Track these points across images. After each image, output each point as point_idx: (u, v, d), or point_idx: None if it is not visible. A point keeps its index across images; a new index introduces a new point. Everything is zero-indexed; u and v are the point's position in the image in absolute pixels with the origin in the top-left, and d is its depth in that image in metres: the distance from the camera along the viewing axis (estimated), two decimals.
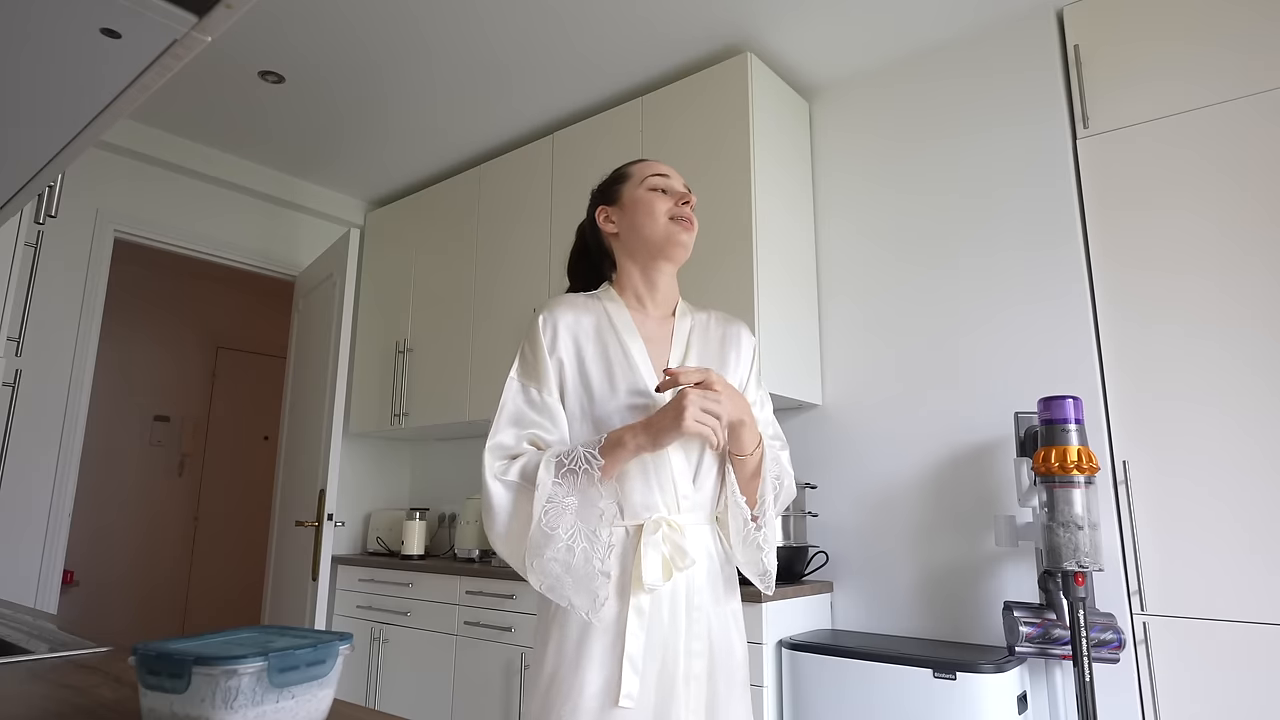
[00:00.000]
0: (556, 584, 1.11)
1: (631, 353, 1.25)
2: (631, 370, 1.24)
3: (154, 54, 0.80)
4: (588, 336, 1.26)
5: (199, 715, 0.64)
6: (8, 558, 2.83)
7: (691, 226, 1.30)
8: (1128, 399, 2.11)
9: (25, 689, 0.80)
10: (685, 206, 1.30)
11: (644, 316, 1.31)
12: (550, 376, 1.23)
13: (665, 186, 1.31)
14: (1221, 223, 2.05)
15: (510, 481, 1.15)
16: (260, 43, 2.65)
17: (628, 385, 1.22)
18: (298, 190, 3.75)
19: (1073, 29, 2.34)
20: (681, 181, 1.35)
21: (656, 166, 1.34)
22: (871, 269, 2.64)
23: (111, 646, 1.05)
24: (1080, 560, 1.84)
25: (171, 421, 4.98)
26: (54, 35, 0.77)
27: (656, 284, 1.33)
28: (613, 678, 1.12)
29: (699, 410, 1.10)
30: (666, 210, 1.29)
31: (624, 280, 1.35)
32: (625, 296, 1.33)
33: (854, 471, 2.54)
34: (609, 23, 2.52)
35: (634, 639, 1.13)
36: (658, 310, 1.33)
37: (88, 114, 0.95)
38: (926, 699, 1.94)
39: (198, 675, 0.64)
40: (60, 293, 3.05)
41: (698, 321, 1.36)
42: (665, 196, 1.31)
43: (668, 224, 1.29)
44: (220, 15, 0.73)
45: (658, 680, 1.15)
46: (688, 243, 1.31)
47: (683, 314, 1.35)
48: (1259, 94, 2.04)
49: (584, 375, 1.24)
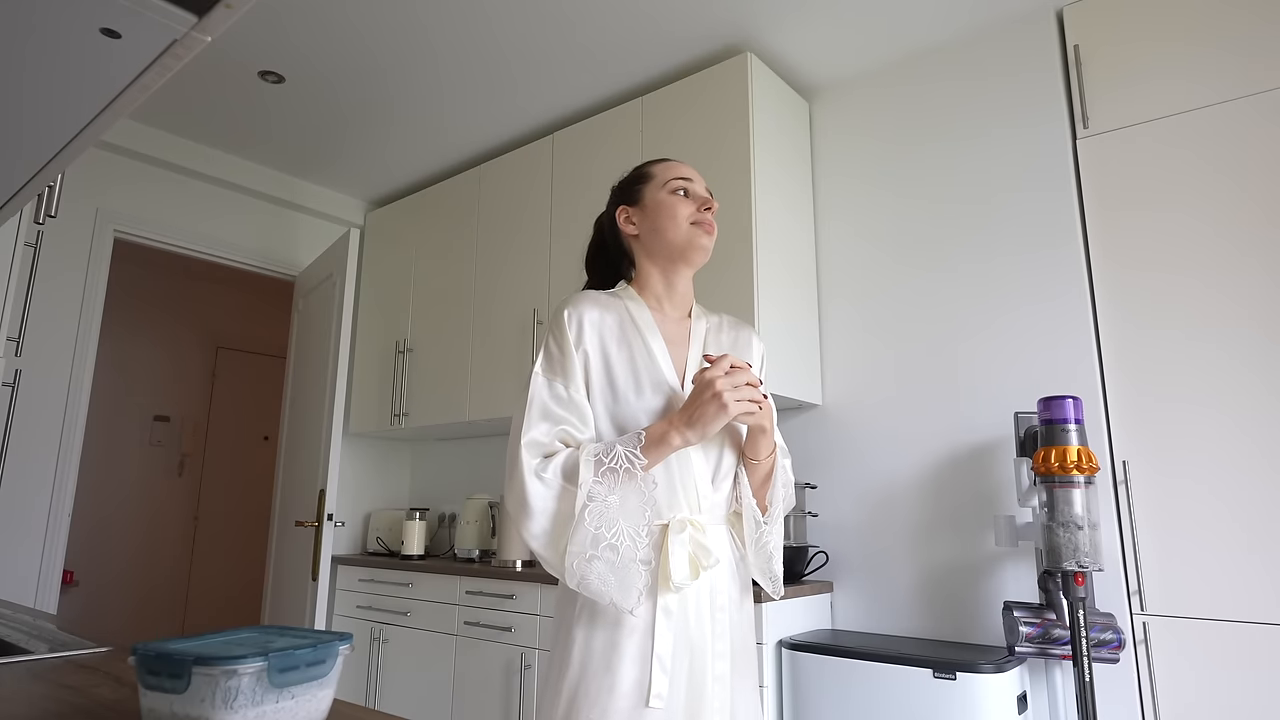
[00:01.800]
0: (598, 582, 1.09)
1: (655, 353, 1.25)
2: (655, 370, 1.24)
3: (154, 54, 0.80)
4: (612, 334, 1.25)
5: (199, 715, 0.64)
6: (7, 557, 2.83)
7: (713, 231, 1.30)
8: (1128, 399, 2.11)
9: (25, 689, 0.80)
10: (707, 212, 1.30)
11: (663, 317, 1.31)
12: (577, 372, 1.22)
13: (688, 189, 1.31)
14: (1221, 223, 2.05)
15: (549, 479, 1.14)
16: (260, 43, 2.65)
17: (653, 385, 1.22)
18: (297, 190, 3.75)
19: (1073, 29, 2.34)
20: (704, 185, 1.35)
21: (680, 169, 1.34)
22: (872, 269, 2.64)
23: (111, 647, 1.05)
24: (1080, 560, 1.84)
25: (171, 421, 4.98)
26: (54, 35, 0.77)
27: (675, 286, 1.34)
28: (642, 678, 1.12)
29: (736, 392, 1.11)
30: (688, 215, 1.29)
31: (643, 280, 1.35)
32: (645, 297, 1.33)
33: (854, 471, 2.54)
34: (610, 22, 2.52)
35: (663, 639, 1.13)
36: (675, 311, 1.34)
37: (88, 114, 0.95)
38: (926, 699, 1.94)
39: (198, 675, 0.64)
40: (60, 293, 3.05)
41: (711, 324, 1.37)
42: (687, 200, 1.30)
43: (690, 229, 1.29)
44: (220, 15, 0.73)
45: (688, 681, 1.15)
46: (708, 247, 1.31)
47: (698, 316, 1.36)
48: (1259, 94, 2.04)
49: (609, 373, 1.23)
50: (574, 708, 1.12)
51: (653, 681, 1.12)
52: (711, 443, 1.23)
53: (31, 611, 1.32)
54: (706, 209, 1.30)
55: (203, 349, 5.20)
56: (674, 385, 1.23)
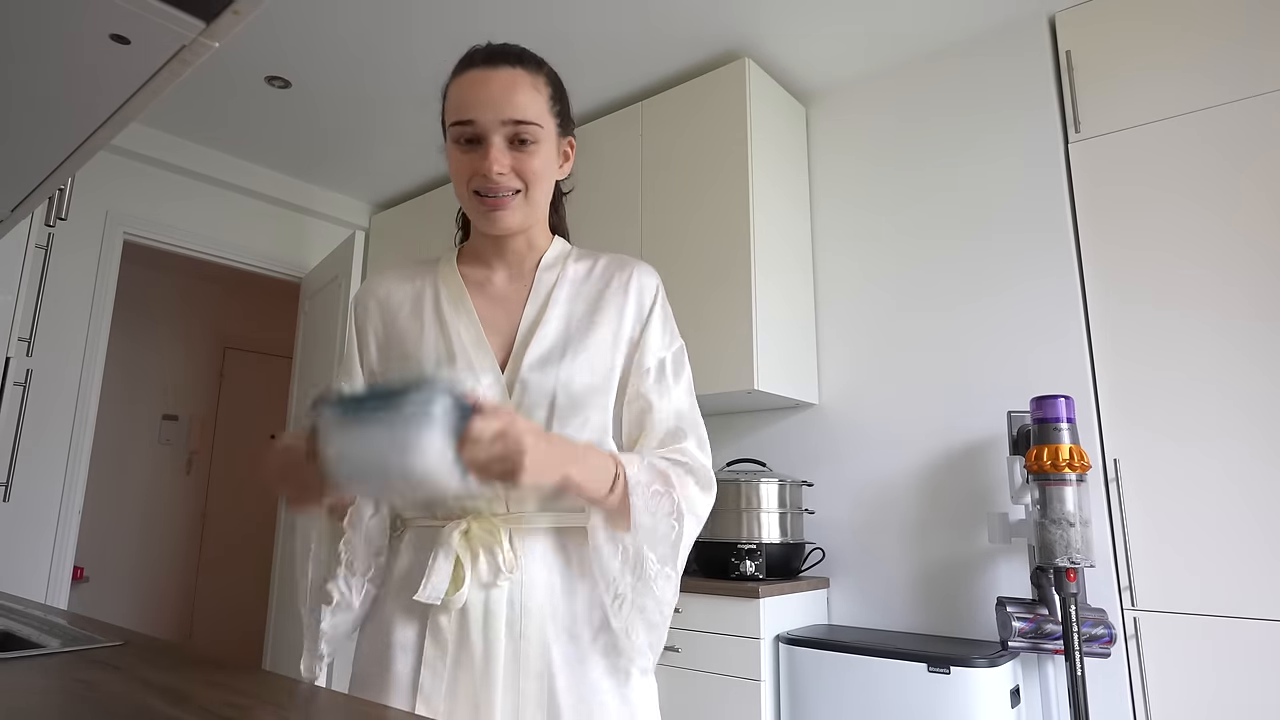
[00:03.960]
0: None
1: (449, 325, 0.95)
2: (446, 345, 0.94)
3: (162, 59, 0.82)
4: (403, 312, 1.00)
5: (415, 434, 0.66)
6: (20, 554, 2.88)
7: (501, 205, 0.90)
8: (1119, 398, 2.14)
9: (37, 683, 0.79)
10: (487, 180, 0.89)
11: (487, 277, 0.99)
12: (356, 368, 1.03)
13: (469, 136, 0.90)
14: (1211, 225, 2.07)
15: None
16: (267, 49, 2.70)
17: (442, 364, 0.94)
18: (303, 193, 3.80)
19: (1065, 36, 2.36)
20: (495, 118, 0.89)
21: (462, 95, 0.91)
22: (867, 271, 2.66)
23: (123, 640, 1.03)
24: (1072, 556, 1.87)
25: (180, 420, 5.03)
26: (65, 41, 0.78)
27: (501, 241, 0.99)
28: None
29: (478, 447, 0.73)
30: (467, 179, 0.91)
31: (472, 234, 1.04)
32: (466, 256, 1.03)
33: (850, 469, 2.57)
34: (611, 29, 2.55)
35: (431, 678, 0.86)
36: (511, 269, 1.00)
37: (98, 118, 0.96)
38: (921, 693, 1.96)
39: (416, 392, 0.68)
40: (71, 294, 3.10)
41: (577, 273, 1.00)
42: (468, 154, 0.91)
43: (470, 199, 0.92)
44: (227, 21, 0.75)
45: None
46: (501, 225, 0.92)
47: (550, 266, 1.00)
48: (1247, 99, 2.06)
49: (388, 359, 1.00)
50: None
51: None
52: (537, 403, 0.91)
53: (42, 607, 1.31)
54: (489, 174, 0.89)
55: (211, 349, 5.26)
56: (472, 361, 0.92)
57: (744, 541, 2.33)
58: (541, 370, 0.91)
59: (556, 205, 1.07)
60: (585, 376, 0.92)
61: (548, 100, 0.94)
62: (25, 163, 1.12)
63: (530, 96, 0.91)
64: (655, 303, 0.99)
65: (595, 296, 0.97)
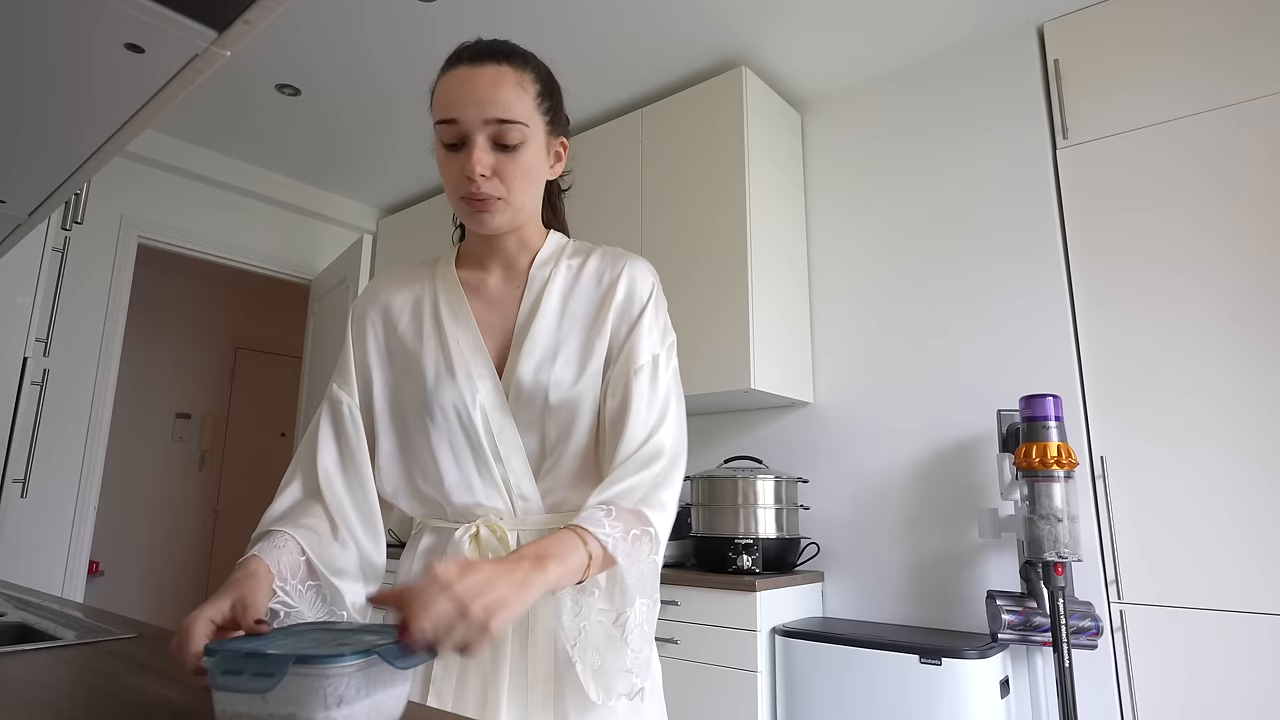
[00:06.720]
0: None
1: (446, 332, 0.96)
2: (444, 355, 0.95)
3: (176, 68, 0.85)
4: (403, 319, 1.00)
5: (290, 714, 0.57)
6: (37, 548, 2.94)
7: (486, 208, 0.89)
8: (1106, 396, 2.17)
9: (54, 674, 0.81)
10: (473, 184, 0.87)
11: (482, 279, 0.99)
12: (352, 377, 1.02)
13: (453, 136, 0.88)
14: (1195, 227, 2.11)
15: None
16: (277, 57, 2.76)
17: (440, 373, 0.95)
18: (313, 198, 3.86)
19: (1053, 44, 2.40)
20: (479, 117, 0.87)
21: (446, 95, 0.88)
22: (861, 273, 2.71)
23: (137, 633, 1.03)
24: (1060, 551, 1.90)
25: (192, 419, 5.11)
26: (81, 50, 0.81)
27: (492, 242, 0.98)
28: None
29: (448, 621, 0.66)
30: (455, 182, 0.89)
31: (467, 235, 1.03)
32: (463, 258, 1.02)
33: (844, 466, 2.61)
34: (612, 38, 2.60)
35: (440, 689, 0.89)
36: (506, 270, 0.99)
37: (113, 125, 0.99)
38: (913, 683, 1.99)
39: (295, 675, 0.57)
40: (86, 296, 3.16)
41: (570, 269, 0.99)
42: (454, 155, 0.89)
43: (459, 204, 0.91)
44: (239, 31, 0.78)
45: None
46: (488, 224, 0.91)
47: (543, 264, 0.98)
48: (1231, 106, 2.10)
49: (390, 367, 1.01)
50: None
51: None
52: (532, 405, 0.91)
53: (59, 600, 1.33)
54: (472, 176, 0.87)
55: (222, 349, 5.34)
56: (470, 368, 0.92)
57: (741, 536, 2.37)
58: (534, 371, 0.91)
59: (554, 203, 1.06)
60: (577, 375, 0.92)
61: (535, 98, 0.90)
62: (42, 168, 1.14)
63: (515, 94, 0.88)
64: (650, 299, 0.97)
65: (587, 293, 0.97)
